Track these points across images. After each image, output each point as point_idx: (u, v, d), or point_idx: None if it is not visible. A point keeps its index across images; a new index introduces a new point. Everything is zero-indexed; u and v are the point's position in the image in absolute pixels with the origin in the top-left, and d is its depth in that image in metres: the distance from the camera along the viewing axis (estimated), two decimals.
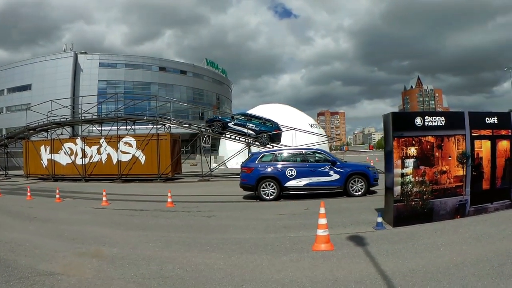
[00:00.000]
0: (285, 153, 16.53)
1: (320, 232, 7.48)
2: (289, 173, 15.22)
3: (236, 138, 29.43)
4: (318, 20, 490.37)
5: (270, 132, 28.91)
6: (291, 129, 30.22)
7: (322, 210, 7.65)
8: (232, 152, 37.96)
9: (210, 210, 13.20)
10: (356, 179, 15.38)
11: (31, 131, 36.16)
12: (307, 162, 15.79)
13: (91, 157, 30.75)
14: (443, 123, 9.39)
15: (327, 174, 15.32)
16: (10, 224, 11.37)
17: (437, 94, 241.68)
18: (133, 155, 29.17)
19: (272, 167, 15.51)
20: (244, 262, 6.83)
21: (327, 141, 39.52)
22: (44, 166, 32.70)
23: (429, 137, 9.29)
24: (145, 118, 32.76)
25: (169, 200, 14.56)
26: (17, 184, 29.05)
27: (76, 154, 31.34)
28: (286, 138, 30.57)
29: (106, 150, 30.25)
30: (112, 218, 12.18)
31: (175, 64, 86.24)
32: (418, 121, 9.23)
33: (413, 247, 7.29)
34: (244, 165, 16.22)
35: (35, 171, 33.68)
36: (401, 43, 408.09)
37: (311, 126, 46.34)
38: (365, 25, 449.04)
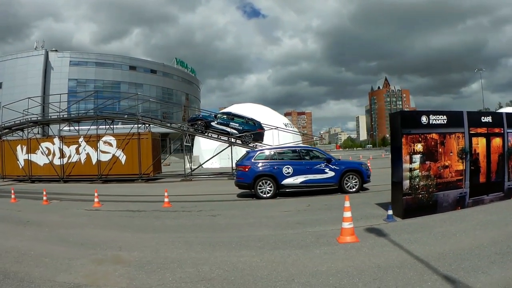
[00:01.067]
0: (281, 151, 16.68)
1: (346, 225, 7.80)
2: (285, 171, 15.40)
3: (219, 137, 29.49)
4: (286, 20, 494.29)
5: (253, 131, 29.14)
6: (273, 128, 30.55)
7: (347, 204, 7.97)
8: (207, 152, 38.04)
9: (212, 209, 13.22)
10: (351, 176, 15.75)
11: (6, 130, 35.19)
12: (303, 160, 16.02)
13: (69, 157, 30.05)
14: (445, 121, 10.02)
15: (322, 172, 15.60)
16: (3, 230, 10.50)
17: (404, 95, 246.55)
18: (113, 155, 28.73)
19: (268, 165, 15.64)
20: (280, 258, 6.89)
21: (312, 140, 40.05)
22: (21, 167, 31.72)
23: (433, 134, 9.91)
24: (126, 116, 32.43)
25: (166, 200, 14.45)
26: None
27: (54, 154, 30.56)
28: (267, 138, 30.84)
29: (85, 150, 29.62)
30: (112, 220, 11.96)
31: (145, 63, 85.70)
32: (424, 119, 9.80)
33: (431, 235, 7.80)
34: (240, 164, 16.35)
35: (11, 172, 32.65)
36: (369, 44, 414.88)
37: (285, 125, 46.88)
38: (334, 26, 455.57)
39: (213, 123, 29.28)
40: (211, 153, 36.80)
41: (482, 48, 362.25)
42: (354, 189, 15.63)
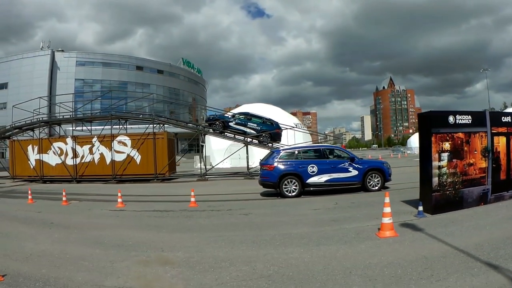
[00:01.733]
0: (306, 150, 17.10)
1: (386, 220, 8.27)
2: (310, 169, 15.68)
3: (236, 137, 29.78)
4: (290, 20, 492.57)
5: (271, 131, 29.46)
6: (289, 128, 30.89)
7: (387, 200, 8.43)
8: (218, 152, 38.26)
9: (241, 208, 13.44)
10: (373, 174, 16.12)
11: (17, 130, 35.48)
12: (327, 159, 16.30)
13: (82, 157, 30.25)
14: (470, 121, 10.58)
15: (346, 170, 15.91)
16: (29, 233, 10.14)
17: (409, 95, 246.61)
18: (128, 155, 29.02)
19: (293, 164, 15.93)
20: (328, 253, 7.19)
21: (327, 140, 40.35)
22: (32, 167, 31.79)
23: (460, 133, 10.47)
24: (141, 116, 32.78)
25: (192, 199, 14.54)
26: (5, 186, 28.15)
27: (67, 154, 30.74)
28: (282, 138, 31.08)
29: (99, 150, 29.83)
30: (142, 221, 11.92)
31: (152, 63, 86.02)
32: (451, 119, 10.32)
33: (463, 229, 8.41)
34: (264, 163, 16.61)
35: (22, 173, 32.79)
36: (373, 44, 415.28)
37: (295, 125, 47.13)
38: (337, 25, 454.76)
39: (231, 123, 29.64)
40: (222, 153, 37.19)
41: (486, 48, 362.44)
42: (376, 188, 15.98)
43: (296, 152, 16.66)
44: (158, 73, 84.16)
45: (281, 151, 16.97)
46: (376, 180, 16.15)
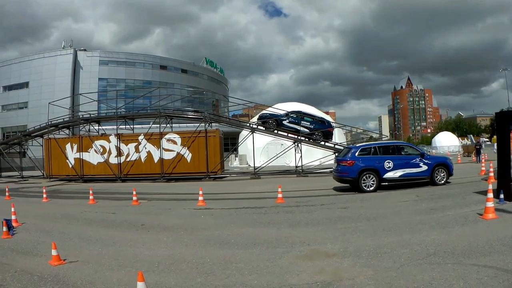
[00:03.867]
0: (382, 147, 17.59)
1: (489, 204, 9.71)
2: (386, 165, 16.41)
3: (289, 135, 29.50)
4: (308, 19, 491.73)
5: (323, 129, 29.65)
6: (343, 126, 30.39)
7: (490, 187, 10.38)
8: (255, 151, 37.14)
9: (332, 203, 13.98)
10: (440, 169, 17.12)
11: (52, 127, 34.83)
12: (400, 155, 17.15)
13: (127, 155, 29.83)
14: None
15: (417, 166, 16.80)
16: (129, 238, 9.61)
17: (427, 94, 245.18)
18: (178, 153, 28.70)
19: (371, 160, 16.55)
20: (461, 233, 8.43)
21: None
22: (71, 166, 31.24)
23: None
24: (191, 114, 31.68)
25: (280, 196, 14.74)
26: (42, 186, 26.48)
27: (110, 153, 30.26)
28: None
29: (145, 148, 29.41)
30: (243, 218, 11.95)
31: (175, 63, 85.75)
32: None
33: None
34: (342, 159, 17.14)
35: (58, 172, 32.22)
36: (390, 43, 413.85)
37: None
38: (355, 24, 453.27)
39: (284, 122, 29.49)
40: (259, 151, 36.57)
41: (502, 47, 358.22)
42: (442, 182, 17.04)
43: (373, 148, 17.37)
44: (182, 72, 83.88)
45: (359, 147, 17.63)
46: (442, 174, 17.15)
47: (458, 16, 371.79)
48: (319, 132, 29.57)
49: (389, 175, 16.45)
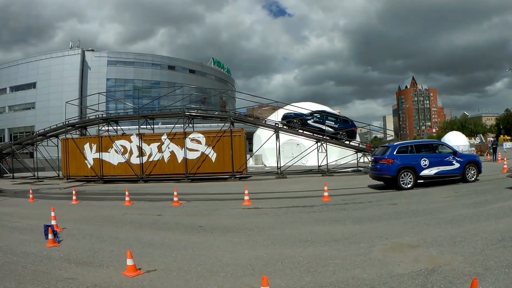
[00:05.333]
0: (417, 145, 18.26)
1: None
2: (423, 163, 17.06)
3: (314, 135, 29.75)
4: (313, 19, 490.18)
5: (347, 129, 29.96)
6: (367, 125, 30.75)
7: None
8: (270, 151, 37.28)
9: (379, 200, 14.47)
10: (471, 167, 17.88)
11: (70, 127, 34.61)
12: (435, 153, 17.86)
13: (150, 155, 29.67)
14: None
15: (451, 164, 17.50)
16: (196, 241, 9.26)
17: (431, 94, 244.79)
18: (202, 153, 28.68)
19: (409, 158, 17.15)
20: (510, 224, 9.14)
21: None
22: (89, 167, 31.08)
23: None
24: (216, 113, 31.50)
25: (326, 194, 15.12)
26: (62, 187, 26.90)
27: (131, 153, 30.11)
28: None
29: (169, 148, 29.33)
30: (300, 216, 12.05)
31: (184, 63, 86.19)
32: None
33: None
34: (380, 157, 17.78)
35: (76, 172, 32.04)
36: (395, 43, 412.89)
37: None
38: (361, 24, 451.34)
39: (309, 121, 29.72)
40: (273, 151, 36.25)
41: (508, 46, 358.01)
42: (473, 179, 17.83)
43: (409, 146, 17.97)
44: (190, 72, 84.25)
45: (397, 146, 18.15)
46: (472, 172, 17.93)
47: (464, 15, 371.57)
48: (343, 131, 29.77)
49: (425, 172, 17.11)
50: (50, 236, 9.16)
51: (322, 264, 6.88)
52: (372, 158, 19.37)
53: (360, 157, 29.98)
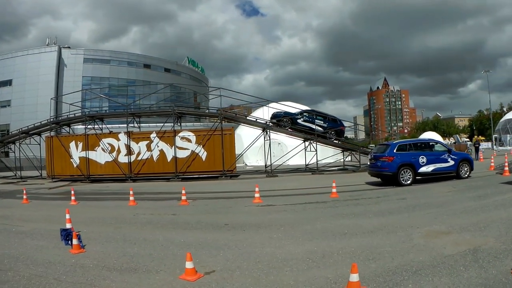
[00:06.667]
0: (416, 143, 19.58)
1: None
2: (421, 160, 18.15)
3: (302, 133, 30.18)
4: (286, 19, 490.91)
5: (336, 128, 30.77)
6: (354, 125, 31.27)
7: None
8: (251, 150, 37.40)
9: (386, 196, 15.51)
10: (464, 164, 19.06)
11: (54, 125, 34.26)
12: (431, 151, 18.99)
13: (138, 154, 29.51)
14: None
15: (446, 161, 18.65)
16: (234, 238, 9.24)
17: (403, 95, 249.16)
18: (193, 151, 28.75)
19: (408, 156, 18.19)
20: None
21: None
22: (75, 166, 30.55)
23: None
24: (207, 111, 31.59)
25: (334, 190, 15.79)
26: (49, 187, 26.37)
27: (119, 151, 29.84)
28: None
29: (158, 146, 29.29)
30: (324, 211, 12.60)
31: (159, 62, 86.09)
32: None
33: None
34: (381, 155, 18.68)
35: (62, 172, 31.38)
36: (368, 44, 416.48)
37: None
38: (334, 24, 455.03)
39: (299, 120, 30.37)
40: (255, 150, 36.82)
41: (481, 48, 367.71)
42: (466, 176, 19.06)
43: (408, 144, 19.09)
44: (165, 71, 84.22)
45: (396, 144, 19.07)
46: (465, 169, 19.19)
47: (439, 18, 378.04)
48: (332, 130, 30.53)
49: (423, 169, 18.25)
50: (75, 241, 8.45)
51: (376, 252, 7.36)
52: (372, 156, 20.13)
53: (347, 156, 30.69)
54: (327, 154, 32.24)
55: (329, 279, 6.08)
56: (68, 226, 9.82)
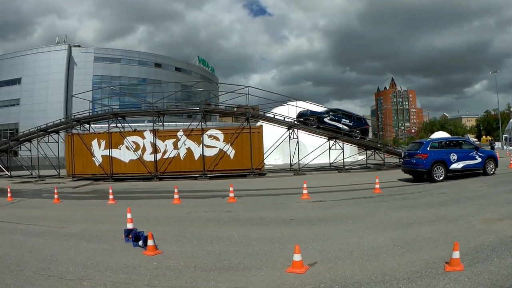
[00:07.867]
0: (447, 141, 20.61)
1: None
2: (452, 157, 19.08)
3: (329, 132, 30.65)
4: (293, 18, 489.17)
5: (361, 127, 31.30)
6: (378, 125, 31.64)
7: None
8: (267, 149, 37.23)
9: (425, 191, 16.28)
10: (490, 161, 20.05)
11: (75, 122, 34.03)
12: (461, 148, 19.86)
13: (164, 152, 29.54)
14: None
15: (474, 158, 19.60)
16: (313, 232, 9.34)
17: (410, 95, 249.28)
18: (221, 150, 28.92)
19: (440, 153, 19.17)
20: None
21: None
22: (98, 164, 30.45)
23: None
24: (235, 110, 31.55)
25: (377, 186, 16.47)
26: (72, 186, 26.23)
27: (144, 149, 29.80)
28: None
29: (185, 144, 29.33)
30: (378, 205, 13.14)
31: (170, 61, 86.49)
32: None
33: None
34: (414, 152, 19.76)
35: (83, 170, 31.21)
36: (374, 44, 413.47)
37: None
38: (341, 24, 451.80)
39: (325, 119, 30.94)
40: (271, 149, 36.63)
41: (486, 49, 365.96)
42: (491, 172, 20.10)
43: (440, 142, 20.21)
44: (176, 70, 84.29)
45: (429, 142, 20.34)
46: (491, 166, 20.23)
47: (444, 18, 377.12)
48: (358, 129, 30.99)
49: (453, 166, 19.22)
50: (150, 242, 7.97)
51: (451, 236, 8.09)
52: (405, 153, 21.11)
53: (370, 155, 30.73)
54: (351, 153, 32.33)
55: (426, 260, 6.68)
56: (129, 226, 9.52)
